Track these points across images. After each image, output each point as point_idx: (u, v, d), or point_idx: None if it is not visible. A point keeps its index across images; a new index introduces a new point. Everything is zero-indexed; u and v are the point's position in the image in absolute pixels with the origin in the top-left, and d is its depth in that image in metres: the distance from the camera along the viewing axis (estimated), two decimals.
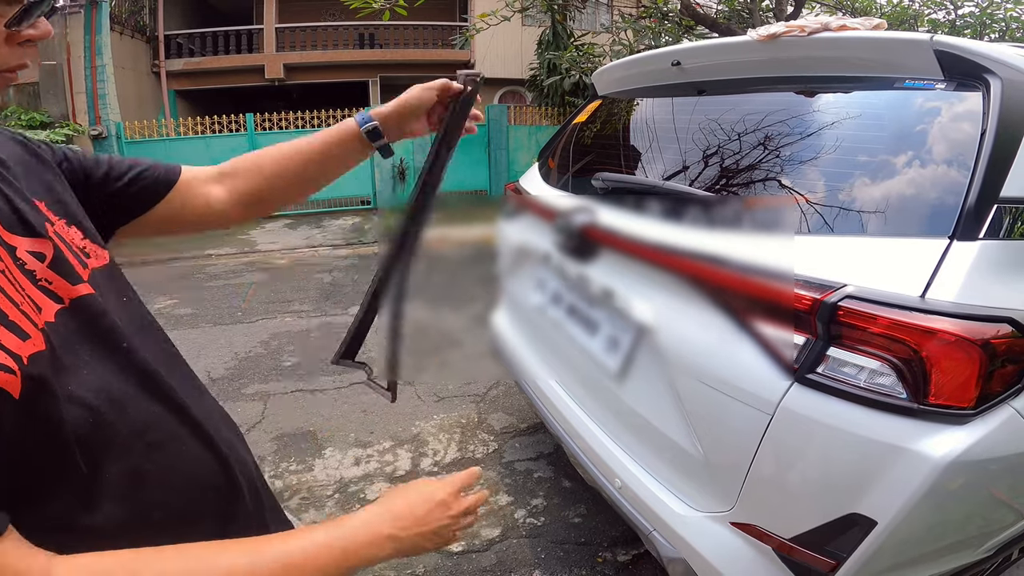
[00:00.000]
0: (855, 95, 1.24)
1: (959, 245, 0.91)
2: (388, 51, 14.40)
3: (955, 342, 0.83)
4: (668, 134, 1.74)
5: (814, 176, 1.16)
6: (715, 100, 1.65)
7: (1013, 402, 0.89)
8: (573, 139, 2.28)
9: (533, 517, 2.10)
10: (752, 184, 1.30)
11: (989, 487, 0.93)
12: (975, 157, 0.95)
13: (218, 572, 0.46)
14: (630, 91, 2.09)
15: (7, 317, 0.43)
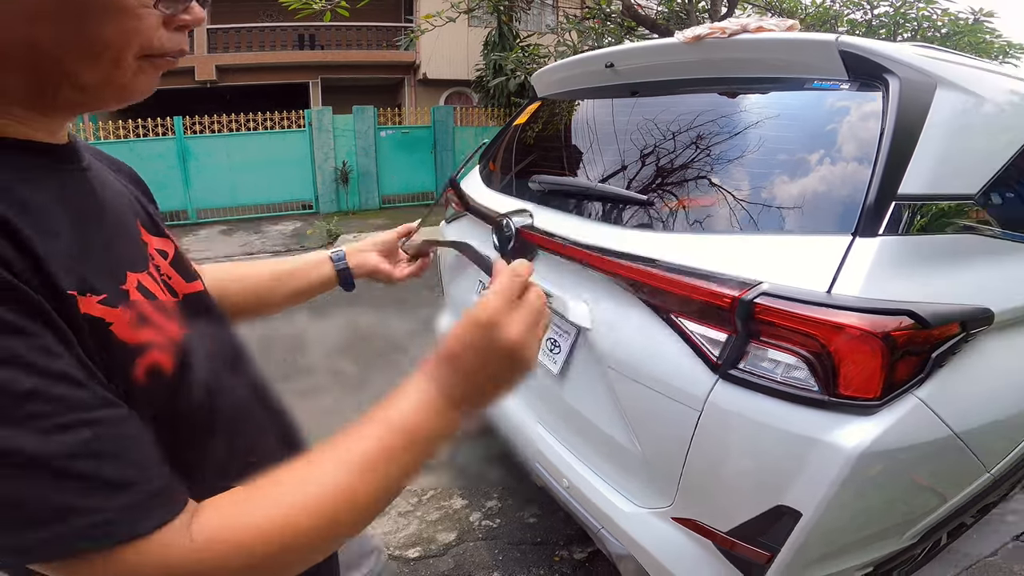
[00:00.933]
0: (772, 96, 1.28)
1: (861, 242, 0.95)
2: (329, 52, 14.14)
3: (858, 336, 0.87)
4: (605, 135, 1.76)
5: (736, 176, 1.20)
6: (648, 101, 1.68)
7: (918, 392, 0.93)
8: (513, 141, 2.28)
9: (488, 519, 2.10)
10: (682, 184, 1.33)
11: (904, 475, 0.98)
12: (875, 156, 0.99)
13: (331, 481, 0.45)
14: (569, 92, 2.10)
15: (159, 300, 0.48)
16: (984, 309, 0.98)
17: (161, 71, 0.46)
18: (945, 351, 0.93)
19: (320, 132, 9.47)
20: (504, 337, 0.50)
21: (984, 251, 1.10)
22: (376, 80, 14.76)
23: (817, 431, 0.92)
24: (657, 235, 1.25)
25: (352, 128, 9.64)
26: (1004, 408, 1.10)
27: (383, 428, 0.48)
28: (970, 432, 1.01)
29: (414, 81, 14.53)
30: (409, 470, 0.48)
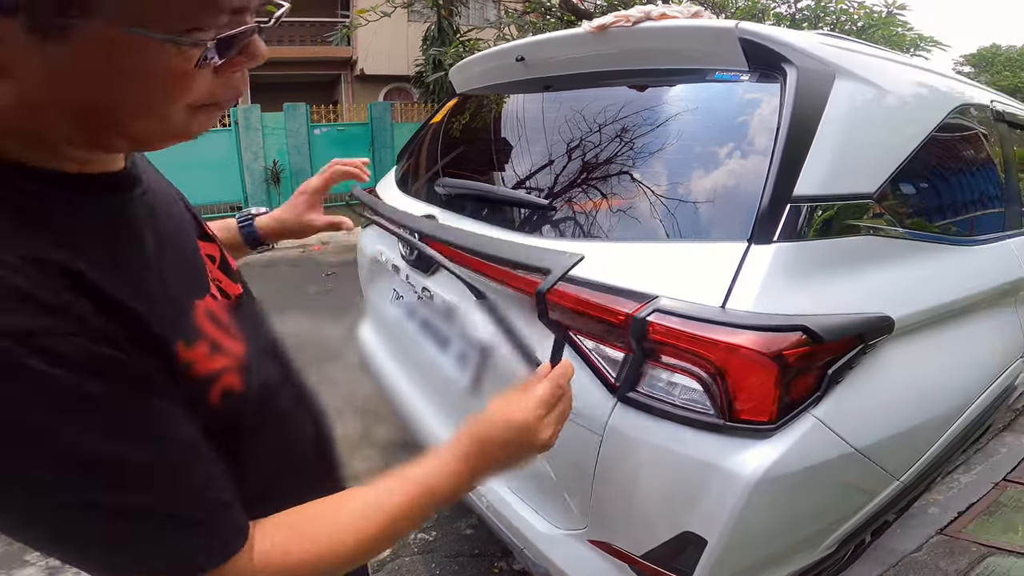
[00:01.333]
0: (676, 89, 1.21)
1: (756, 249, 0.88)
2: None
3: (751, 356, 0.79)
4: (518, 134, 1.67)
5: (638, 179, 1.11)
6: (559, 96, 1.59)
7: (814, 411, 0.87)
8: (428, 141, 2.17)
9: (424, 532, 2.02)
10: (584, 187, 1.24)
11: (808, 495, 0.92)
12: (771, 154, 0.92)
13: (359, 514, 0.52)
14: (485, 88, 2.00)
15: (224, 322, 0.49)
16: (884, 317, 0.93)
17: (217, 115, 0.45)
18: (842, 366, 0.87)
19: (248, 131, 8.99)
20: (536, 440, 0.60)
21: (884, 253, 1.06)
22: (311, 77, 14.25)
23: (714, 457, 0.84)
24: (557, 243, 1.16)
25: (283, 126, 9.22)
26: (908, 418, 1.06)
27: (417, 489, 0.54)
28: (873, 446, 0.96)
29: (351, 77, 14.12)
30: (420, 522, 0.58)
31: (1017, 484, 2.27)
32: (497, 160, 1.70)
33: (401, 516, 0.52)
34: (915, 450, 1.14)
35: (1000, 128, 1.80)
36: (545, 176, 1.38)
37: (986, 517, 2.08)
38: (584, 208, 1.16)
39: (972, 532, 1.97)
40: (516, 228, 1.27)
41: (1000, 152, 1.74)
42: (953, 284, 1.20)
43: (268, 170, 9.14)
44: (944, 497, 2.17)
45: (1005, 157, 1.76)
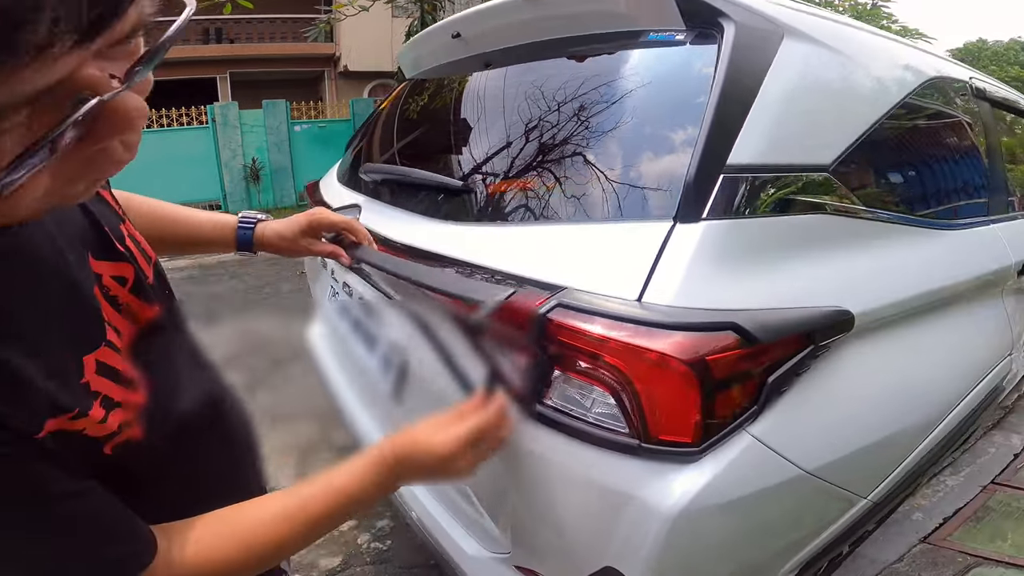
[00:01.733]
0: (609, 56, 1.06)
1: (682, 229, 0.72)
2: (239, 46, 13.39)
3: (665, 363, 0.63)
4: (459, 114, 1.53)
5: (563, 153, 0.95)
6: (498, 73, 1.45)
7: (751, 428, 0.70)
8: (373, 129, 2.02)
9: (378, 541, 1.91)
10: (507, 165, 1.08)
11: (750, 525, 0.75)
12: (702, 118, 0.77)
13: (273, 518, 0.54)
14: (430, 71, 1.86)
15: (122, 375, 0.47)
16: (841, 311, 0.77)
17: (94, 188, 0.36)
18: (787, 372, 0.71)
19: (225, 128, 8.82)
20: (453, 471, 0.63)
21: (844, 235, 0.90)
22: (294, 74, 14.04)
23: (631, 484, 0.68)
24: (467, 228, 1.00)
25: (262, 123, 9.06)
26: (874, 430, 0.89)
27: (335, 496, 0.57)
28: (829, 466, 0.80)
29: (335, 74, 13.91)
30: (338, 524, 0.60)
31: (1007, 488, 2.15)
32: (434, 144, 1.56)
33: (319, 520, 0.56)
34: (885, 465, 0.98)
35: (982, 107, 1.66)
36: (470, 157, 1.23)
37: (973, 523, 1.95)
38: (500, 189, 1.01)
39: (957, 540, 1.84)
40: (431, 214, 1.11)
41: (983, 131, 1.60)
42: (928, 273, 1.04)
43: (247, 168, 8.97)
44: (929, 502, 2.04)
45: (988, 137, 1.61)
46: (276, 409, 2.69)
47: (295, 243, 0.93)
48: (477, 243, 0.94)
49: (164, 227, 0.84)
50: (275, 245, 0.92)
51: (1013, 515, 1.95)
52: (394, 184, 1.37)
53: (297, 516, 0.54)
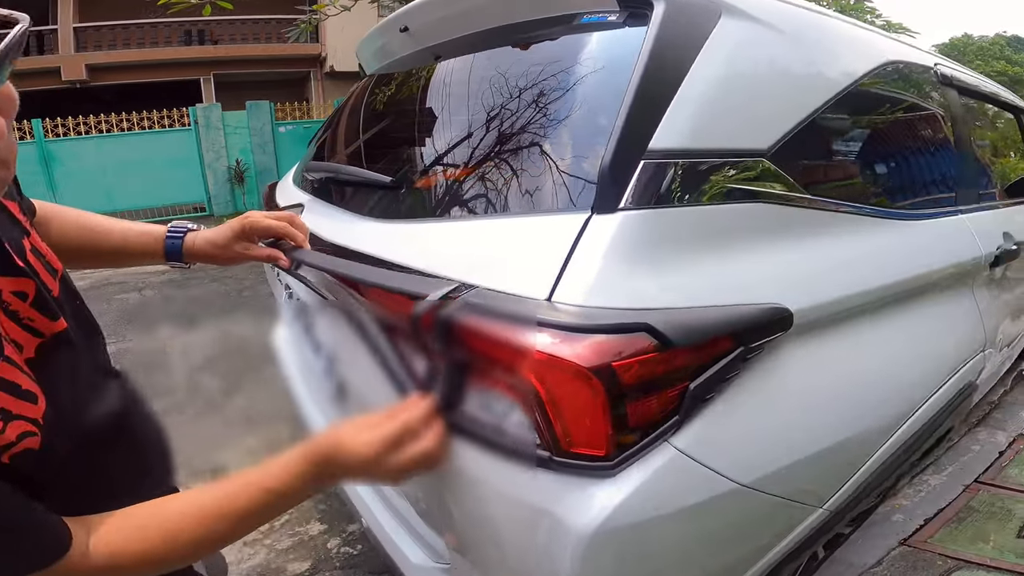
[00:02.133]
0: (543, 42, 1.00)
1: (598, 220, 0.65)
2: (222, 47, 13.23)
3: (568, 369, 0.57)
4: (405, 110, 1.47)
5: (488, 145, 0.89)
6: (450, 66, 1.39)
7: (673, 439, 0.63)
8: (331, 128, 1.96)
9: (348, 546, 1.86)
10: (440, 161, 1.02)
11: (681, 544, 0.69)
12: (621, 100, 0.71)
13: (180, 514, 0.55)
14: (387, 66, 1.80)
15: (20, 388, 0.47)
16: (777, 309, 0.70)
17: None
18: (711, 378, 0.64)
19: (209, 130, 8.72)
20: (378, 476, 0.63)
21: (780, 225, 0.83)
22: (279, 75, 13.90)
23: (546, 500, 0.62)
24: (393, 225, 0.93)
25: (246, 124, 8.96)
26: (821, 437, 0.82)
27: (257, 494, 0.57)
28: (769, 478, 0.74)
29: (321, 75, 13.77)
30: (263, 522, 0.60)
31: (990, 487, 2.09)
32: (379, 140, 1.50)
33: (243, 515, 0.56)
34: (839, 472, 0.92)
35: (949, 94, 1.60)
36: (404, 152, 1.17)
37: (955, 525, 1.89)
38: (424, 184, 0.94)
39: (939, 542, 1.78)
40: (361, 212, 1.04)
41: (951, 120, 1.54)
42: (882, 265, 0.97)
43: (232, 169, 8.88)
44: (910, 502, 1.97)
45: (956, 125, 1.55)
46: (247, 412, 2.64)
47: (228, 249, 0.89)
48: (400, 241, 0.88)
49: (91, 239, 0.84)
50: (208, 253, 0.89)
51: (996, 515, 1.89)
52: (333, 182, 1.30)
53: (222, 511, 0.55)
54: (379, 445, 0.59)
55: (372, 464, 0.59)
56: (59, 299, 0.55)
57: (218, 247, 0.88)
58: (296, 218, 0.93)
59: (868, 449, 0.96)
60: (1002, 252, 1.48)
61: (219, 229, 0.90)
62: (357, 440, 0.59)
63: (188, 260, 0.89)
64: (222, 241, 0.88)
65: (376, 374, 0.86)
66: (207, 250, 0.88)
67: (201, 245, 0.88)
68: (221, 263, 0.91)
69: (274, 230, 0.90)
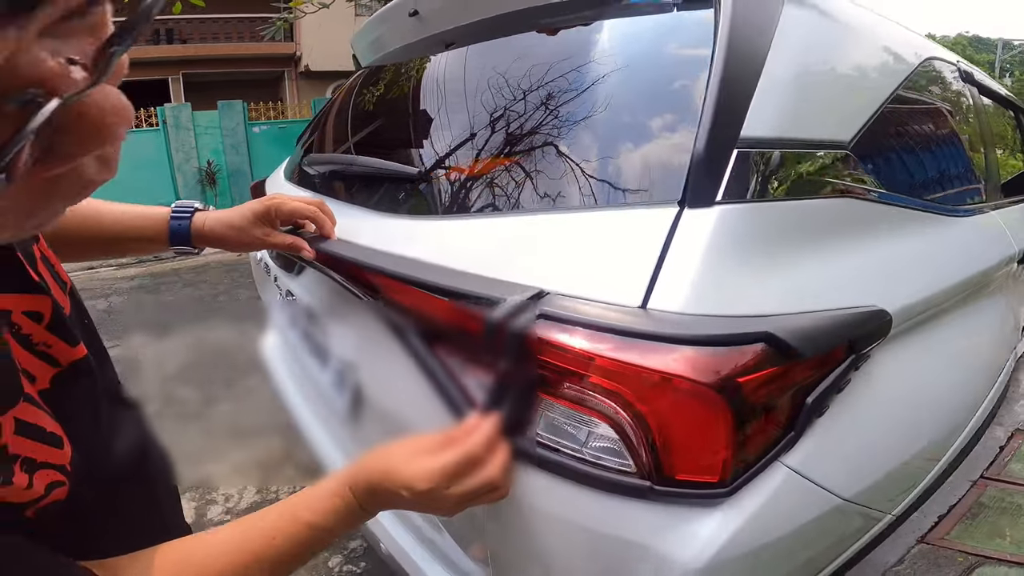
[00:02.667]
0: (583, 25, 0.92)
1: (691, 215, 0.57)
2: (192, 47, 12.88)
3: (684, 387, 0.49)
4: (420, 101, 1.37)
5: (539, 135, 0.81)
6: (462, 53, 1.29)
7: (787, 458, 0.56)
8: (325, 122, 1.85)
9: (351, 563, 1.78)
10: (477, 151, 0.93)
11: (776, 568, 0.62)
12: (705, 87, 0.63)
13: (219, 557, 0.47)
14: (387, 56, 1.69)
15: (44, 431, 0.40)
16: (878, 312, 0.64)
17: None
18: (827, 390, 0.57)
19: (178, 130, 8.43)
20: (433, 508, 0.54)
21: (866, 221, 0.77)
22: (252, 75, 13.58)
23: (641, 534, 0.54)
24: (429, 223, 0.84)
25: (218, 125, 8.68)
26: (906, 446, 0.77)
27: (304, 531, 0.49)
28: (867, 491, 0.68)
29: (295, 74, 13.51)
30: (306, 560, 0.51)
31: (996, 482, 2.09)
32: (390, 133, 1.40)
33: (278, 560, 0.48)
34: (912, 480, 0.86)
35: (972, 91, 1.58)
36: (431, 145, 1.07)
37: (969, 521, 1.88)
38: (466, 177, 0.85)
39: (956, 539, 1.76)
40: (385, 209, 0.95)
41: (975, 115, 1.52)
42: (950, 263, 0.93)
43: (202, 171, 8.60)
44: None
45: (979, 121, 1.53)
46: (234, 425, 2.50)
47: (245, 233, 0.79)
48: (439, 240, 0.78)
49: (81, 224, 0.72)
50: (221, 236, 0.79)
51: (1008, 511, 1.88)
52: (343, 176, 1.20)
53: (258, 553, 0.47)
54: (439, 476, 0.51)
55: (428, 497, 0.52)
56: (71, 318, 0.46)
57: (234, 229, 0.78)
58: (325, 205, 0.84)
59: (938, 454, 0.90)
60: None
61: (237, 210, 0.80)
62: (412, 468, 0.52)
63: (197, 244, 0.78)
64: (240, 223, 0.78)
65: (415, 389, 0.77)
66: (221, 232, 0.78)
67: (213, 226, 0.78)
68: (234, 248, 0.81)
69: (302, 213, 0.81)
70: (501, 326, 0.54)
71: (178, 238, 0.77)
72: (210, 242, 0.79)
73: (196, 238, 0.78)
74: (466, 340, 0.63)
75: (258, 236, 0.80)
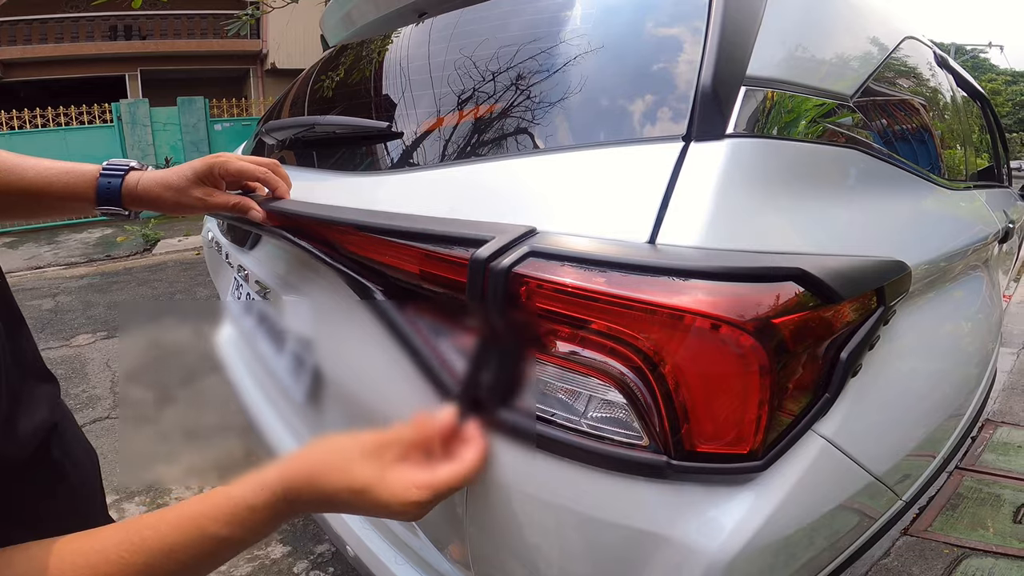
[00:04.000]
0: None
1: (699, 148, 0.50)
2: (151, 43, 12.51)
3: (708, 329, 0.40)
4: (389, 78, 1.27)
5: (519, 73, 0.73)
6: (438, 23, 1.21)
7: (820, 426, 0.48)
8: (286, 101, 1.73)
9: (318, 568, 1.68)
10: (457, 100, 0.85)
11: (802, 554, 0.54)
12: (707, 19, 0.57)
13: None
14: (358, 32, 1.59)
15: None
16: (900, 263, 0.57)
17: None
18: (860, 344, 0.49)
19: (134, 127, 8.07)
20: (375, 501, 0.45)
21: (873, 175, 0.71)
22: (215, 72, 13.21)
23: (655, 521, 0.46)
24: (401, 176, 0.75)
25: (177, 121, 8.36)
26: (924, 418, 0.70)
27: (207, 543, 0.41)
28: (892, 469, 0.61)
29: (261, 72, 13.19)
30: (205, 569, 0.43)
31: (971, 472, 2.11)
32: (357, 104, 1.30)
33: (185, 561, 0.40)
34: (922, 463, 0.80)
35: (949, 77, 1.58)
36: (411, 98, 0.98)
37: (949, 512, 1.89)
38: (440, 125, 0.77)
39: (939, 530, 1.76)
40: (351, 168, 0.85)
41: (951, 97, 1.51)
42: (952, 231, 0.88)
43: (158, 166, 8.22)
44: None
45: (957, 105, 1.53)
46: (188, 426, 2.34)
47: (184, 193, 0.71)
48: (415, 192, 0.70)
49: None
50: (156, 197, 0.70)
51: (987, 501, 1.89)
52: (303, 142, 1.10)
53: (151, 560, 0.39)
54: (378, 467, 0.45)
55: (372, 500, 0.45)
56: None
57: (171, 189, 0.70)
58: (279, 167, 0.74)
59: (947, 435, 0.85)
60: (1007, 229, 1.46)
61: (175, 169, 0.71)
62: (348, 475, 0.44)
63: (129, 206, 0.70)
64: (178, 183, 0.70)
65: (382, 363, 0.67)
66: (156, 192, 0.70)
67: (148, 185, 0.70)
68: (169, 210, 0.72)
69: (251, 174, 0.72)
70: (484, 269, 0.46)
71: (106, 197, 0.68)
72: (143, 203, 0.70)
73: (128, 199, 0.69)
74: (443, 296, 0.54)
75: (198, 196, 0.71)
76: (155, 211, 0.72)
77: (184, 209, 0.72)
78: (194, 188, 0.70)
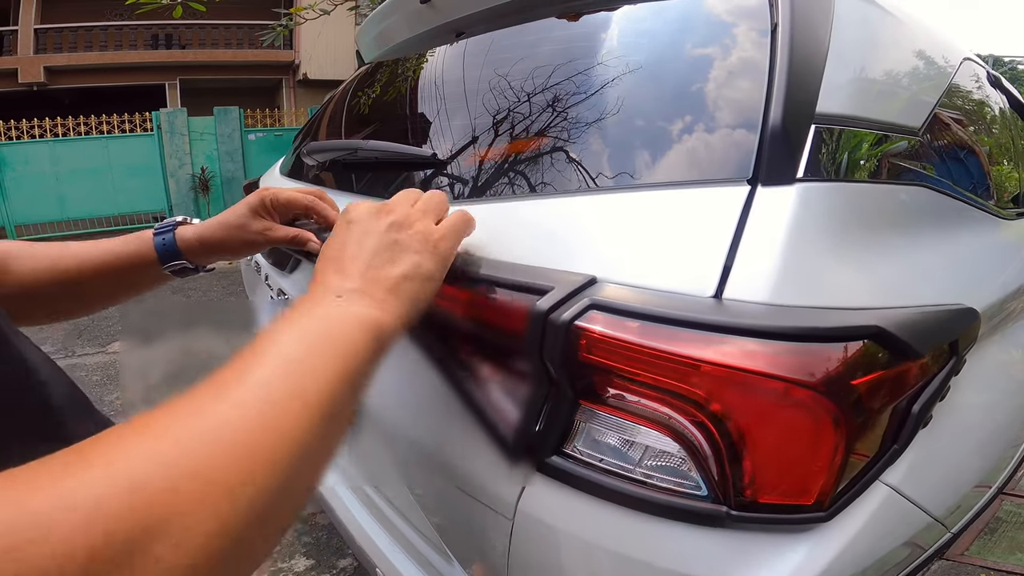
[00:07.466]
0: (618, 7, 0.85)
1: (767, 194, 0.49)
2: (190, 52, 12.93)
3: (779, 389, 0.40)
4: (428, 96, 1.28)
5: (575, 114, 0.73)
6: (475, 43, 1.22)
7: (888, 476, 0.48)
8: (325, 118, 1.76)
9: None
10: (501, 135, 0.85)
11: None
12: (770, 55, 0.56)
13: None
14: (394, 49, 1.62)
15: None
16: (970, 310, 0.56)
17: None
18: (932, 397, 0.48)
19: (173, 136, 8.33)
20: (381, 223, 0.49)
21: (939, 213, 0.69)
22: (249, 82, 13.57)
23: (712, 568, 0.45)
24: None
25: (213, 131, 8.59)
26: (982, 459, 0.68)
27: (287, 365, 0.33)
28: (950, 508, 0.60)
29: (293, 82, 13.50)
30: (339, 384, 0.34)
31: (1013, 496, 2.02)
32: (398, 124, 1.32)
33: (305, 389, 0.31)
34: (981, 491, 0.78)
35: (1002, 98, 1.53)
36: (448, 129, 0.99)
37: (987, 536, 1.81)
38: (494, 158, 0.77)
39: (976, 554, 1.69)
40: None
41: (1003, 121, 1.46)
42: (1013, 267, 0.85)
43: (196, 177, 8.49)
44: None
45: (1011, 129, 1.48)
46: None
47: (245, 231, 0.69)
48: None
49: (63, 269, 0.65)
50: (221, 240, 0.69)
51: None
52: (346, 165, 1.11)
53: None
54: (371, 204, 0.51)
55: (372, 216, 0.50)
56: None
57: (233, 228, 0.69)
58: (325, 194, 0.75)
59: (1005, 463, 0.82)
60: None
61: (228, 210, 0.70)
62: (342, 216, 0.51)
63: (191, 258, 0.69)
64: (237, 221, 0.68)
65: (427, 397, 0.67)
66: (220, 236, 0.69)
67: (211, 231, 0.69)
68: (237, 252, 0.71)
69: (299, 203, 0.70)
70: (544, 321, 0.45)
71: (166, 254, 0.68)
72: (209, 249, 0.70)
73: (188, 252, 0.68)
74: (495, 340, 0.54)
75: (260, 232, 0.70)
76: (223, 257, 0.72)
77: (250, 247, 0.72)
78: (254, 223, 0.69)
